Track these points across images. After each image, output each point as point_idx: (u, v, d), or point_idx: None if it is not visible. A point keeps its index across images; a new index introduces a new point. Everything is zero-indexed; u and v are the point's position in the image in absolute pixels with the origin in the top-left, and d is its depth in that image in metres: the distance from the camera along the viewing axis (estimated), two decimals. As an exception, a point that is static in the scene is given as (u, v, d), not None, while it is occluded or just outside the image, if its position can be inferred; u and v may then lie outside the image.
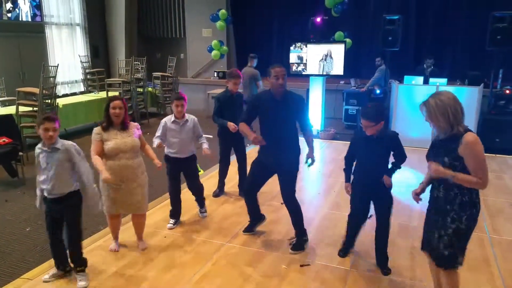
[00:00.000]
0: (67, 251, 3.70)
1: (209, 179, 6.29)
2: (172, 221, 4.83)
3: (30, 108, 7.85)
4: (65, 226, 3.59)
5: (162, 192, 5.59)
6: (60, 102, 8.99)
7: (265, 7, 13.52)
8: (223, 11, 12.42)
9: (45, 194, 3.51)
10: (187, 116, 4.63)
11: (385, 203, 3.79)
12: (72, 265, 3.73)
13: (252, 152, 5.96)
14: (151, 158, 4.12)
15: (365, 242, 4.25)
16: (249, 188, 4.46)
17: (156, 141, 4.45)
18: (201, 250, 4.26)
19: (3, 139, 6.35)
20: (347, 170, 3.93)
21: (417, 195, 3.09)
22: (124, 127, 3.96)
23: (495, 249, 4.29)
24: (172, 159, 4.66)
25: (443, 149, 2.83)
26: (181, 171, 4.79)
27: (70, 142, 3.56)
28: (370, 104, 3.77)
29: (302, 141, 4.14)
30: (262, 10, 13.59)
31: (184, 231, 4.67)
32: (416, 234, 4.35)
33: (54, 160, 3.44)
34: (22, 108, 7.86)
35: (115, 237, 4.28)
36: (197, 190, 4.98)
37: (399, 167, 3.72)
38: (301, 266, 3.97)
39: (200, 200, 5.07)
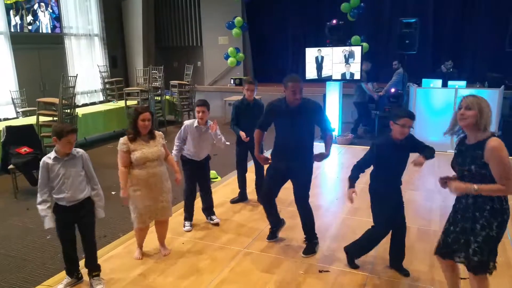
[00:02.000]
0: (79, 257, 3.77)
1: (226, 186, 6.31)
2: (188, 223, 4.92)
3: (50, 118, 7.98)
4: (82, 231, 3.65)
5: (180, 198, 5.61)
6: (80, 111, 9.13)
7: (281, 14, 13.56)
8: (238, 18, 12.48)
9: (63, 203, 3.51)
10: (209, 123, 4.72)
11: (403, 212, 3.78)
12: (87, 270, 3.77)
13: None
14: (175, 171, 4.25)
15: (385, 248, 4.19)
16: (266, 195, 4.46)
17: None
18: (219, 256, 4.25)
19: (25, 149, 6.47)
20: (353, 178, 3.76)
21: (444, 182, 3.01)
22: (151, 136, 4.07)
23: (518, 254, 4.19)
24: (189, 161, 4.76)
25: (470, 157, 2.78)
26: (196, 172, 4.86)
27: (82, 151, 3.66)
28: (391, 107, 3.77)
29: (317, 146, 4.12)
30: (277, 17, 13.63)
31: (201, 237, 4.68)
32: (435, 239, 4.26)
33: (72, 167, 3.52)
34: (42, 118, 7.99)
35: (140, 245, 4.32)
36: (207, 193, 5.01)
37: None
38: (320, 272, 3.94)
39: (210, 209, 5.08)
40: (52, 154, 3.52)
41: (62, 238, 3.63)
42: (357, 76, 8.69)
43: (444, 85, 8.77)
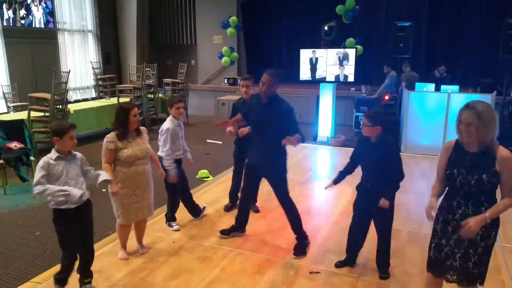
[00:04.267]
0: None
1: (218, 185, 6.29)
2: (175, 224, 4.90)
3: (42, 114, 7.92)
4: (82, 234, 3.45)
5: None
6: (72, 108, 9.06)
7: (276, 14, 13.58)
8: (233, 18, 12.47)
9: (67, 206, 3.28)
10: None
11: (384, 217, 3.75)
12: (79, 275, 3.59)
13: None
14: (157, 166, 4.22)
15: (375, 249, 4.20)
16: (244, 191, 4.55)
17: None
18: (209, 256, 4.24)
19: (15, 144, 6.40)
20: (341, 172, 3.95)
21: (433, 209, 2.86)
22: (138, 132, 4.01)
23: (507, 257, 4.22)
24: (178, 161, 4.72)
25: (479, 166, 2.66)
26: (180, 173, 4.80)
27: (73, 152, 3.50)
28: (375, 109, 3.84)
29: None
30: (272, 17, 13.64)
31: (192, 237, 4.66)
32: (426, 242, 4.27)
33: (75, 167, 3.37)
34: (34, 114, 7.93)
35: (124, 246, 4.25)
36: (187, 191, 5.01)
37: (396, 187, 3.65)
38: (311, 273, 3.93)
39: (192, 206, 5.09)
40: (53, 154, 3.30)
41: (68, 244, 3.40)
42: (350, 79, 8.71)
43: (437, 89, 8.82)
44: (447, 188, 2.88)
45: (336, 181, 3.95)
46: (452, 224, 2.78)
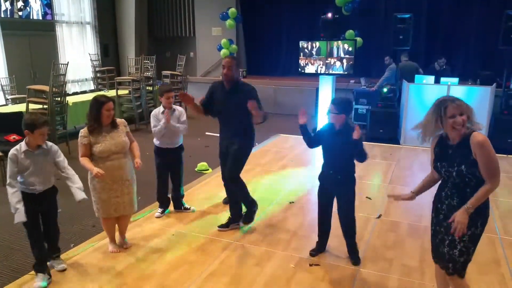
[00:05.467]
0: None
1: (217, 178, 6.27)
2: (160, 210, 4.99)
3: (40, 106, 7.88)
4: (46, 218, 3.68)
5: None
6: (70, 100, 9.02)
7: (275, 6, 13.49)
8: (233, 9, 12.40)
9: (32, 191, 3.51)
10: (174, 106, 4.83)
11: (348, 198, 3.86)
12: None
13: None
14: (134, 156, 4.04)
15: (375, 243, 4.21)
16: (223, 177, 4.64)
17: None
18: (209, 249, 4.24)
19: (13, 136, 6.39)
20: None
21: (402, 199, 3.22)
22: (113, 126, 3.92)
23: (506, 251, 4.22)
24: (162, 150, 4.81)
25: (459, 157, 2.70)
26: (169, 162, 4.86)
27: (49, 142, 3.62)
28: (342, 97, 3.93)
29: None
30: (271, 9, 13.56)
31: (192, 229, 4.66)
32: (426, 235, 4.28)
33: (44, 161, 3.52)
34: (32, 106, 7.90)
35: (112, 239, 4.21)
36: (179, 182, 5.01)
37: (361, 151, 3.66)
38: (310, 265, 3.94)
39: (178, 198, 5.08)
40: (23, 147, 3.42)
41: (33, 227, 3.57)
42: (350, 71, 8.68)
43: (437, 82, 8.80)
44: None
45: (304, 131, 3.86)
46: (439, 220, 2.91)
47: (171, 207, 5.10)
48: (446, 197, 2.84)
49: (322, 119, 9.15)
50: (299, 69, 9.13)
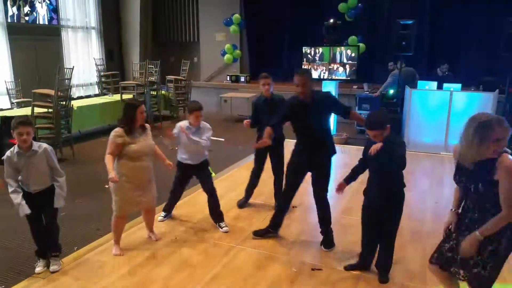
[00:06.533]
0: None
1: (221, 182, 6.31)
2: (163, 214, 5.00)
3: (45, 110, 7.95)
4: (44, 216, 3.80)
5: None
6: (75, 104, 9.09)
7: (278, 12, 13.56)
8: (236, 15, 12.48)
9: (29, 191, 3.69)
10: (201, 123, 4.69)
11: (392, 221, 3.70)
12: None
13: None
14: (163, 159, 4.31)
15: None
16: (286, 193, 4.51)
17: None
18: (212, 252, 4.27)
19: (19, 140, 6.43)
20: (352, 171, 3.83)
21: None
22: (143, 128, 4.12)
23: None
24: (184, 165, 4.74)
25: (477, 174, 2.60)
26: (192, 176, 4.87)
27: (46, 145, 3.73)
28: (371, 113, 3.75)
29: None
30: (275, 15, 13.62)
31: (194, 233, 4.69)
32: (428, 240, 4.32)
33: (35, 162, 3.63)
34: (37, 110, 7.96)
35: (117, 241, 4.28)
36: (214, 195, 4.81)
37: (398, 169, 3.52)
38: (313, 270, 3.96)
39: (219, 214, 4.85)
40: (16, 149, 3.61)
41: (31, 219, 3.77)
42: (352, 76, 8.72)
43: (439, 88, 8.82)
44: None
45: (349, 180, 3.83)
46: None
47: (174, 211, 5.13)
48: (468, 209, 2.77)
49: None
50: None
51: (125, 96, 10.25)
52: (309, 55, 9.00)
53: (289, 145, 4.44)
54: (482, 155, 2.52)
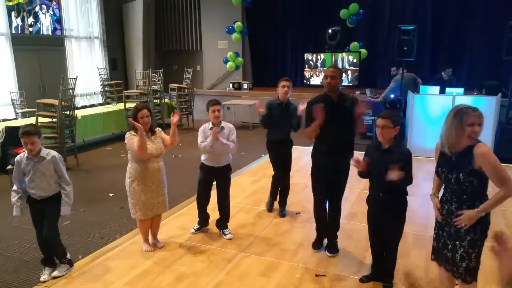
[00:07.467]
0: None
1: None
2: (196, 226, 4.93)
3: (50, 119, 8.00)
4: (45, 222, 3.85)
5: (177, 202, 5.65)
6: (79, 113, 9.14)
7: (280, 19, 13.61)
8: (238, 23, 12.55)
9: (34, 197, 3.80)
10: (223, 123, 4.57)
11: (395, 228, 3.67)
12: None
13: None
14: (173, 130, 4.26)
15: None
16: (318, 198, 4.45)
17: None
18: (216, 259, 4.27)
19: (23, 150, 6.47)
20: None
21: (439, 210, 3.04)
22: (152, 132, 4.24)
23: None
24: (206, 167, 4.66)
25: (458, 165, 2.81)
26: (214, 179, 4.77)
27: (55, 152, 3.85)
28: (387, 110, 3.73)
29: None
30: (277, 22, 13.68)
31: (198, 240, 4.70)
32: (431, 245, 4.29)
33: (42, 169, 3.75)
34: (41, 119, 8.02)
35: (146, 239, 4.48)
36: (225, 203, 4.79)
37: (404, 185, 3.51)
38: (317, 276, 3.95)
39: (224, 220, 4.85)
40: (26, 154, 3.77)
41: (36, 225, 3.90)
42: (354, 82, 8.74)
43: (442, 92, 8.82)
44: None
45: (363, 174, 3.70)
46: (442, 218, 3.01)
47: (178, 218, 5.14)
48: (446, 201, 2.97)
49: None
50: (305, 81, 9.19)
51: (128, 105, 10.30)
52: (311, 62, 9.05)
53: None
54: (460, 138, 2.75)
